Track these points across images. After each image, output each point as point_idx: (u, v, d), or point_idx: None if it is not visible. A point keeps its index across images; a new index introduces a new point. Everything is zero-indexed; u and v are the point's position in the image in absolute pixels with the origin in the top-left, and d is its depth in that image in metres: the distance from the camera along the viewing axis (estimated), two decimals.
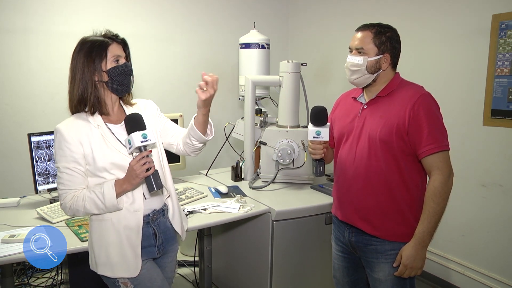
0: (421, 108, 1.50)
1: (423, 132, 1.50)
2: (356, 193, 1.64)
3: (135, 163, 1.36)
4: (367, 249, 1.64)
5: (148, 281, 1.50)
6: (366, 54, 1.58)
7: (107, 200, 1.38)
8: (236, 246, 2.47)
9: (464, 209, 2.60)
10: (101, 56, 1.41)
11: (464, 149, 2.53)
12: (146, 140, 1.37)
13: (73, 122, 1.43)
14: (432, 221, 1.51)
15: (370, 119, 1.61)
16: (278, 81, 2.52)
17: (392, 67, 1.63)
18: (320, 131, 1.60)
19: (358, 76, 1.60)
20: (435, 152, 1.50)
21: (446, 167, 1.52)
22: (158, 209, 1.55)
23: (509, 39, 2.29)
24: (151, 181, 1.37)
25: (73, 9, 2.89)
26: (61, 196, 1.43)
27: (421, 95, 1.53)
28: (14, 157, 2.80)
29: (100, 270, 1.47)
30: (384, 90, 1.61)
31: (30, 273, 2.76)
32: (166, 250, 1.60)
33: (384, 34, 1.57)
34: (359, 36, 1.60)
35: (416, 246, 1.53)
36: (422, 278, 2.86)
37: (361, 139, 1.62)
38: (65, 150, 1.40)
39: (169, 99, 3.35)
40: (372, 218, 1.61)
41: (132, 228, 1.45)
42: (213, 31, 3.50)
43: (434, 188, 1.50)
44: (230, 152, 3.15)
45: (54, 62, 2.85)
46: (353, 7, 3.25)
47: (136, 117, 1.40)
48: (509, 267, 2.39)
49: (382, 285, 1.63)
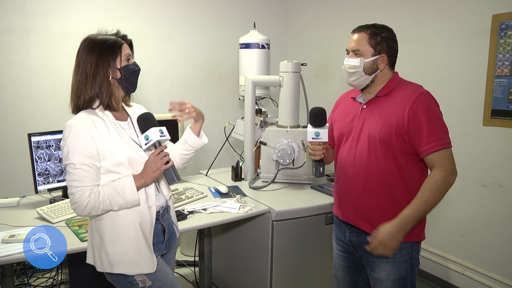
0: (420, 107, 1.50)
1: (423, 130, 1.49)
2: (356, 193, 1.64)
3: (154, 156, 1.42)
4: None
5: (164, 276, 1.52)
6: (363, 56, 1.58)
7: (128, 195, 1.39)
8: (236, 246, 2.47)
9: (464, 209, 2.60)
10: (115, 54, 1.43)
11: (464, 149, 2.53)
12: (163, 135, 1.45)
13: (87, 118, 1.42)
14: (421, 209, 1.50)
15: (370, 119, 1.61)
16: (278, 81, 2.52)
17: (390, 67, 1.63)
18: (319, 132, 1.61)
19: (356, 77, 1.61)
20: (437, 150, 1.49)
21: (449, 164, 1.50)
22: (164, 205, 1.58)
23: (509, 39, 2.29)
24: (171, 173, 1.45)
25: (73, 9, 2.89)
26: (76, 194, 1.37)
27: (419, 94, 1.53)
28: (14, 157, 2.80)
29: (117, 269, 1.44)
30: (383, 90, 1.61)
31: (30, 273, 2.76)
32: (170, 246, 1.62)
33: (379, 34, 1.58)
34: (355, 38, 1.61)
35: (396, 227, 1.51)
36: (422, 278, 2.86)
37: (361, 139, 1.62)
38: (81, 145, 1.37)
39: (169, 99, 3.33)
40: (372, 217, 1.60)
41: (147, 224, 1.47)
42: (213, 31, 3.50)
43: (434, 181, 1.49)
44: (230, 152, 3.15)
45: (54, 62, 2.85)
46: (353, 7, 3.25)
47: (150, 115, 1.47)
48: (509, 267, 2.39)
49: (383, 285, 1.62)
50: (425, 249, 2.83)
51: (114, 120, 1.46)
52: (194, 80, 3.48)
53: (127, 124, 1.53)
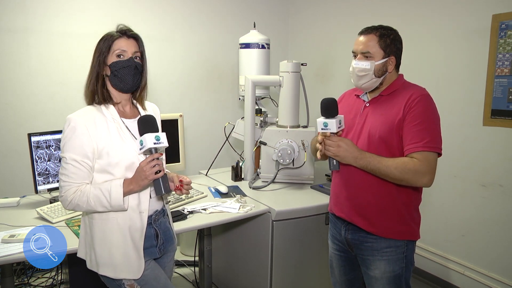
0: (418, 106, 1.51)
1: (414, 129, 1.50)
2: (354, 189, 1.65)
3: (145, 164, 1.35)
4: (363, 246, 1.65)
5: (154, 280, 1.50)
6: (373, 58, 1.57)
7: (113, 199, 1.36)
8: (236, 246, 2.47)
9: (464, 209, 2.60)
10: (108, 50, 1.41)
11: (464, 149, 2.53)
12: (158, 142, 1.35)
13: (88, 114, 1.40)
14: (379, 167, 1.50)
15: (372, 116, 1.62)
16: (278, 81, 2.52)
17: (396, 69, 1.64)
18: (327, 122, 1.55)
19: (366, 80, 1.60)
20: (420, 151, 1.48)
21: (427, 166, 1.47)
22: (159, 209, 1.55)
23: (509, 39, 2.29)
24: (159, 184, 1.36)
25: (73, 9, 2.89)
26: (63, 188, 1.37)
27: (421, 95, 1.54)
28: (14, 157, 2.80)
29: (102, 271, 1.45)
30: (387, 89, 1.62)
31: (30, 273, 2.76)
32: (166, 250, 1.60)
33: (388, 36, 1.58)
34: (364, 40, 1.58)
35: (356, 153, 1.53)
36: (422, 278, 2.86)
37: (362, 136, 1.62)
38: (76, 141, 1.35)
39: (169, 99, 3.35)
40: (368, 214, 1.61)
41: (137, 229, 1.44)
42: (213, 31, 3.50)
43: (407, 163, 1.47)
44: (230, 152, 3.15)
45: (54, 62, 2.85)
46: (353, 7, 3.25)
47: (150, 118, 1.40)
48: (509, 267, 2.39)
49: (378, 283, 1.63)
50: (425, 249, 2.83)
51: (118, 119, 1.43)
52: (194, 80, 3.48)
53: (134, 121, 1.46)
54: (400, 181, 1.50)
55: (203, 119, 3.52)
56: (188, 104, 3.44)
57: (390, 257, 1.59)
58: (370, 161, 1.52)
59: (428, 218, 2.79)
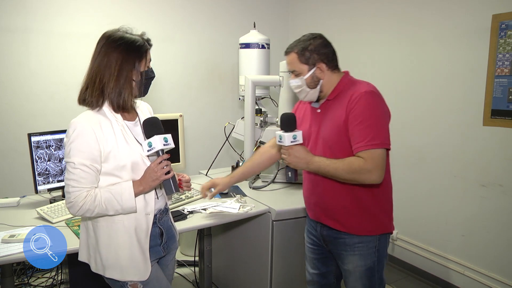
0: (358, 105, 1.51)
1: (356, 129, 1.51)
2: (320, 195, 1.69)
3: (155, 165, 1.38)
4: (337, 242, 1.69)
5: (156, 281, 1.50)
6: (301, 74, 1.63)
7: (125, 201, 1.35)
8: (236, 246, 2.47)
9: (464, 209, 2.60)
10: (141, 57, 1.40)
11: (464, 149, 2.53)
12: (167, 144, 1.40)
13: (93, 118, 1.37)
14: (328, 169, 1.54)
15: (323, 123, 1.65)
16: (278, 81, 2.52)
17: (333, 70, 1.65)
18: (296, 134, 1.60)
19: (305, 94, 1.66)
20: (365, 150, 1.49)
21: (373, 163, 1.48)
22: (162, 208, 1.56)
23: (509, 39, 2.29)
24: (170, 184, 1.41)
25: (73, 9, 2.89)
26: (72, 194, 1.33)
27: (361, 93, 1.53)
28: (14, 157, 2.80)
29: (108, 273, 1.44)
30: (332, 93, 1.64)
31: (30, 273, 2.76)
32: (169, 248, 1.61)
33: (306, 49, 1.61)
34: (288, 60, 1.67)
35: (307, 158, 1.57)
36: (422, 278, 2.86)
37: (318, 143, 1.66)
38: (83, 145, 1.33)
39: (169, 99, 3.35)
40: (338, 217, 1.65)
41: (143, 230, 1.44)
42: (213, 31, 3.50)
43: (353, 162, 1.49)
44: (230, 152, 3.15)
45: (54, 62, 2.85)
46: (353, 8, 3.24)
47: (156, 120, 1.42)
48: (509, 267, 2.39)
49: (352, 276, 1.69)
50: (425, 249, 2.83)
51: (122, 122, 1.43)
52: (194, 80, 3.48)
53: (133, 124, 1.48)
54: (351, 181, 1.53)
55: (203, 119, 3.52)
56: (188, 104, 3.44)
57: (361, 252, 1.64)
58: (321, 165, 1.56)
59: (428, 218, 2.79)
